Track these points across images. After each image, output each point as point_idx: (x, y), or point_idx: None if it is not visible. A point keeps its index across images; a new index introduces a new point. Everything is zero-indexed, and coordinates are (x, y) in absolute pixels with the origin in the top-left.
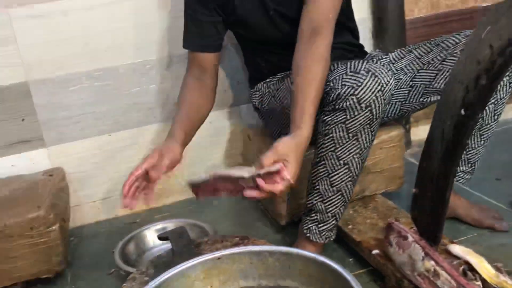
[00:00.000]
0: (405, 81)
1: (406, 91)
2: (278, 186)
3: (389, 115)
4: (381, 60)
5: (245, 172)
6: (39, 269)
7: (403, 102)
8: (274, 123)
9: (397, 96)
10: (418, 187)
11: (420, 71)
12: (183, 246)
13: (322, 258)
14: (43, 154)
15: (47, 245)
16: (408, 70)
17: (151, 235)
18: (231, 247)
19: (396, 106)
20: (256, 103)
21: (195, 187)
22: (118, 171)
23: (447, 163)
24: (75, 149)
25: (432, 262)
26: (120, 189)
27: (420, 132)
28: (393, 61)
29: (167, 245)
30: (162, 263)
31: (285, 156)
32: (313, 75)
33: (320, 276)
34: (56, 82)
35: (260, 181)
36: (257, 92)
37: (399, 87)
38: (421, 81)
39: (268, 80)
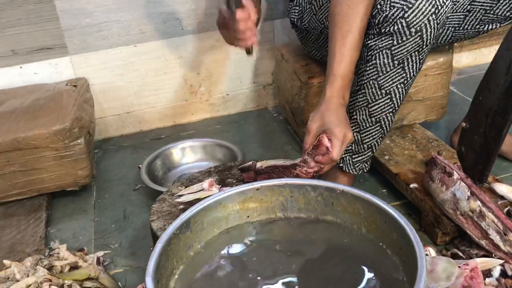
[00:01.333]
0: (462, 4)
1: (462, 16)
2: (327, 158)
3: (440, 41)
4: None
5: (296, 160)
6: (64, 181)
7: (457, 28)
8: (314, 43)
9: (450, 21)
10: (469, 121)
11: None
12: None
13: (370, 197)
14: (66, 62)
15: (73, 158)
16: None
17: (177, 153)
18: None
19: (448, 32)
20: (295, 19)
21: (244, 172)
22: (143, 84)
23: (510, 98)
24: (98, 59)
25: (478, 203)
26: (145, 102)
27: (463, 59)
28: None
29: (193, 164)
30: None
31: (323, 128)
32: (350, 28)
33: (367, 215)
34: None
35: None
36: (297, 7)
37: (454, 11)
38: (482, 5)
39: None
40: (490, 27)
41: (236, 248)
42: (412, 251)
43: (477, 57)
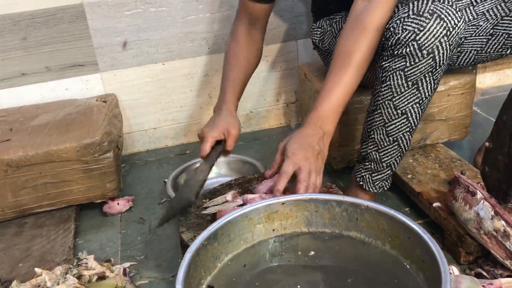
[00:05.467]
0: (485, 28)
1: (485, 40)
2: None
3: (461, 63)
4: (461, 1)
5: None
6: (93, 193)
7: (479, 51)
8: None
9: (473, 44)
10: (492, 141)
11: (505, 18)
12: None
13: (394, 213)
14: (97, 79)
15: (101, 171)
16: (490, 15)
17: None
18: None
19: (471, 55)
20: (317, 40)
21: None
22: (170, 101)
23: None
24: (128, 76)
25: (503, 222)
26: (171, 118)
27: (487, 79)
28: (474, 3)
29: (217, 179)
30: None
31: (296, 160)
32: (350, 62)
33: (391, 231)
34: (111, 5)
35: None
36: (319, 29)
37: (477, 34)
38: (505, 30)
39: (332, 16)
40: None
41: (262, 263)
42: (436, 266)
43: (501, 78)
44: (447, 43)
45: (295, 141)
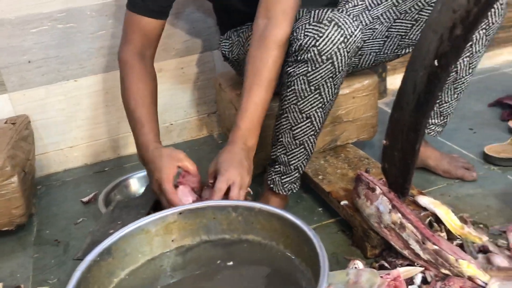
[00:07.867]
0: (380, 31)
1: (382, 42)
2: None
3: (363, 65)
4: (357, 6)
5: None
6: None
7: (378, 53)
8: None
9: (371, 47)
10: (388, 138)
11: (397, 20)
12: None
13: (283, 213)
14: (5, 100)
15: (6, 197)
16: (384, 19)
17: (135, 183)
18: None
19: (370, 56)
20: (226, 52)
21: None
22: (85, 118)
23: (418, 115)
24: (39, 95)
25: (399, 215)
26: (88, 136)
27: (397, 81)
28: (369, 8)
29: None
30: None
31: (216, 167)
32: (260, 79)
33: (282, 231)
34: (15, 23)
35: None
36: (227, 40)
37: (374, 37)
38: (397, 31)
39: (238, 27)
40: (408, 50)
41: (162, 275)
42: (318, 261)
43: None
44: (345, 50)
45: (225, 159)
